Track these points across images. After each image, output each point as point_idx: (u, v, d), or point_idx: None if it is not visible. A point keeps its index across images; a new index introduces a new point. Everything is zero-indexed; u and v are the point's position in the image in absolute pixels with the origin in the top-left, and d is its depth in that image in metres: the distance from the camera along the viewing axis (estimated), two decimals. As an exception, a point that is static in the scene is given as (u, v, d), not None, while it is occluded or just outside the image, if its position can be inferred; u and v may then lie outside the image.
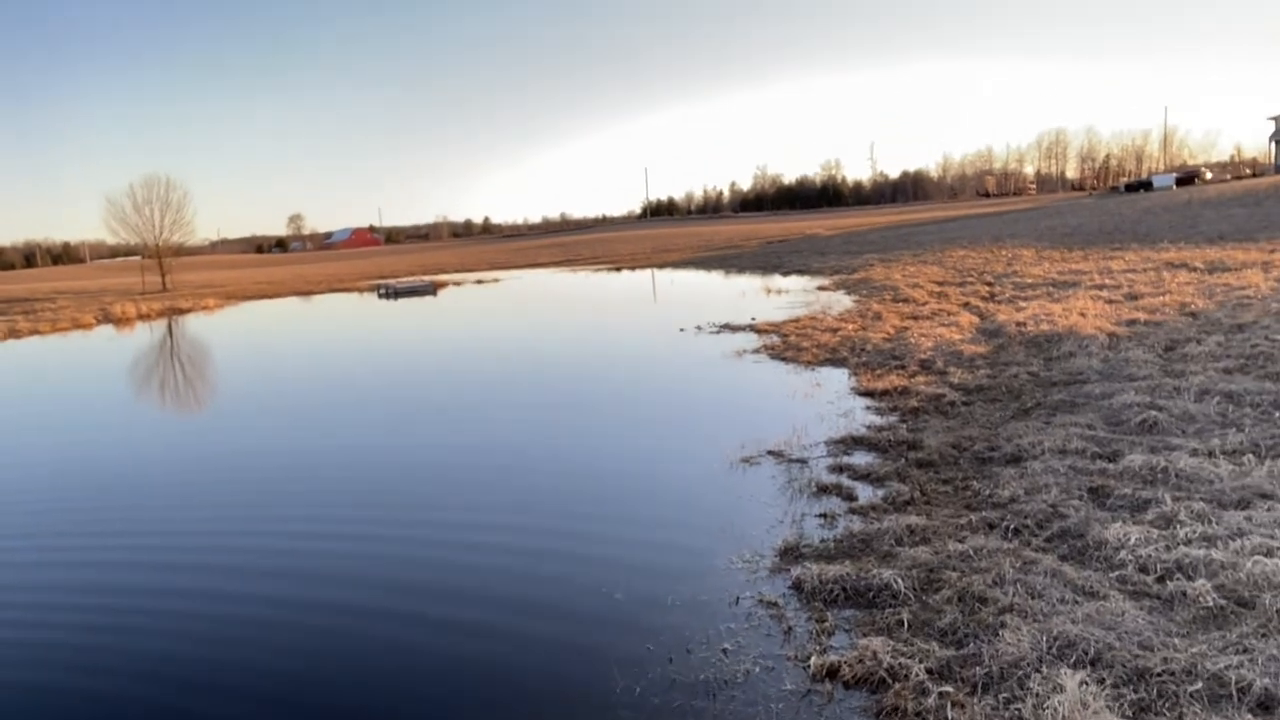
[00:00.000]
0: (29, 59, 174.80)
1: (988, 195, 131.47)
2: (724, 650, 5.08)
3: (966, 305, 18.27)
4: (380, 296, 38.39)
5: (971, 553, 5.85)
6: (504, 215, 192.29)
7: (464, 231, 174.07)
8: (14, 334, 29.87)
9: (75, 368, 22.75)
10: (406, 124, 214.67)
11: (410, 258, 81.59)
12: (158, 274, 54.50)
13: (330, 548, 7.48)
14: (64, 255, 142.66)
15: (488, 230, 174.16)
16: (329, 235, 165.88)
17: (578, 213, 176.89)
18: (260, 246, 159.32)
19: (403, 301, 35.40)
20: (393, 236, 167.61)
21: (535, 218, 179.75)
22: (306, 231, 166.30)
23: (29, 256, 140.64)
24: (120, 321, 34.14)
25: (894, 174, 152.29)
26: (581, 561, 6.75)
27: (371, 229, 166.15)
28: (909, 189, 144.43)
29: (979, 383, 11.15)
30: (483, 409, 12.96)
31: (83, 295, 49.93)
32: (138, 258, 64.62)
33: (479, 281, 44.50)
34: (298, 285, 49.23)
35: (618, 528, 7.44)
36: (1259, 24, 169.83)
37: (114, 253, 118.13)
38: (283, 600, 6.42)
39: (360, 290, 43.43)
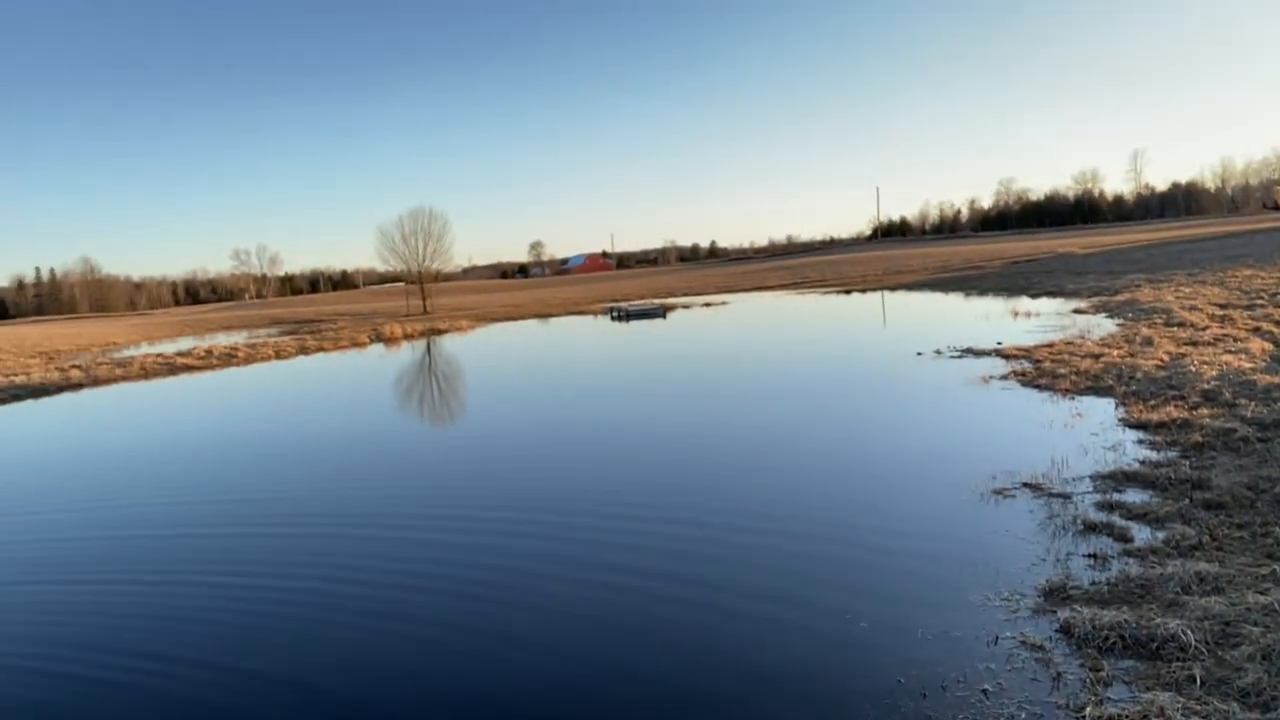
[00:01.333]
0: (310, 104, 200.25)
1: (1277, 208, 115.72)
2: (984, 691, 4.81)
3: (1257, 330, 16.16)
4: (613, 319, 39.97)
5: (1277, 606, 5.16)
6: (730, 239, 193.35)
7: (691, 255, 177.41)
8: (304, 350, 34.09)
9: (359, 378, 25.59)
10: (639, 153, 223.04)
11: (640, 281, 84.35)
12: (419, 298, 60.15)
13: (592, 552, 7.87)
14: (342, 281, 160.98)
15: (714, 254, 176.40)
16: (565, 261, 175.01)
17: (805, 235, 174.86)
18: (505, 272, 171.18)
19: (634, 323, 36.64)
20: (624, 261, 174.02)
21: (761, 241, 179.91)
22: (546, 258, 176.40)
23: (314, 283, 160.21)
24: (389, 340, 38.00)
25: (1161, 185, 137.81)
26: (824, 585, 6.64)
27: (604, 254, 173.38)
28: (1180, 202, 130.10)
29: (1277, 417, 9.81)
30: (722, 433, 13.10)
31: (358, 317, 56.16)
32: (403, 284, 71.72)
33: (707, 304, 45.19)
34: (538, 308, 52.43)
35: (860, 553, 7.24)
36: None
37: (383, 279, 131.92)
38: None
39: (594, 313, 45.47)
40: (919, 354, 18.27)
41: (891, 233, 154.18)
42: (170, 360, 31.64)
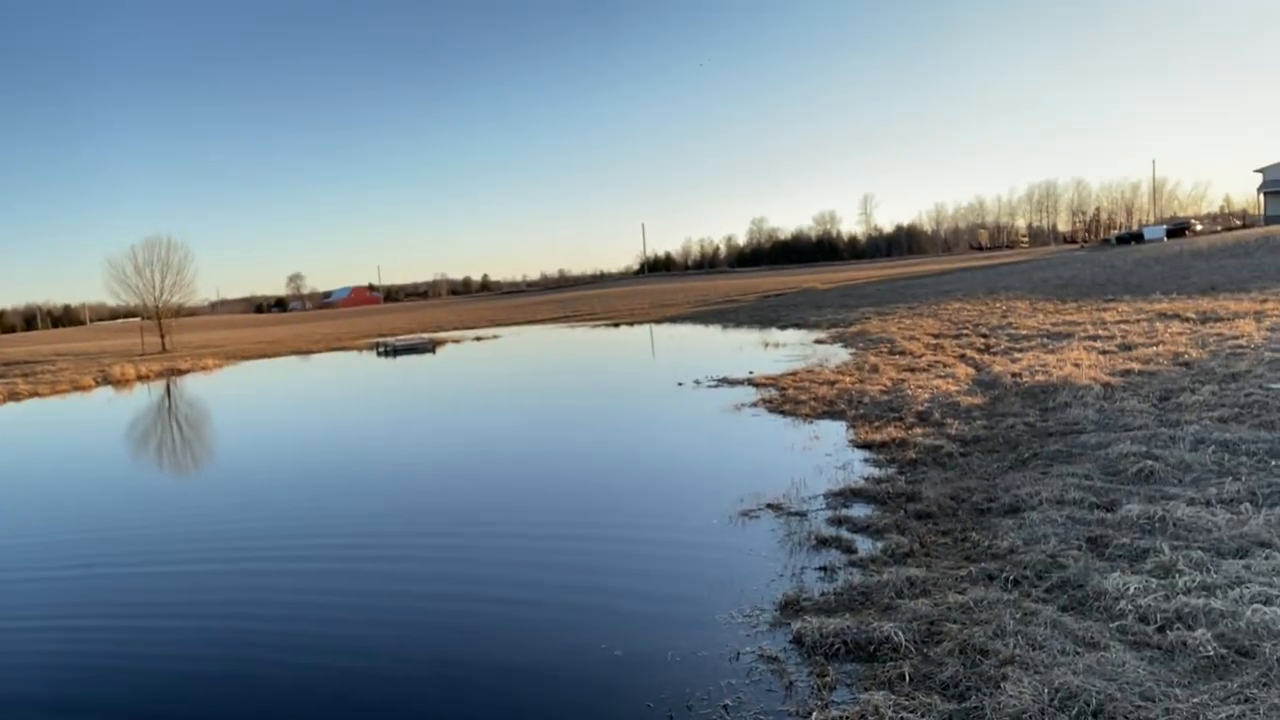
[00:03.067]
0: (32, 117, 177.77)
1: (981, 248, 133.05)
2: (725, 706, 5.05)
3: (962, 357, 18.39)
4: (380, 355, 38.52)
5: (972, 604, 5.84)
6: (502, 272, 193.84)
7: (462, 289, 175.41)
8: (13, 396, 29.88)
9: (72, 427, 22.74)
10: (404, 183, 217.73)
11: (410, 315, 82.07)
12: (157, 335, 54.76)
13: (325, 615, 7.44)
14: (64, 318, 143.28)
15: (486, 287, 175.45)
16: (328, 294, 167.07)
17: (576, 269, 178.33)
18: (260, 306, 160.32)
19: (402, 359, 35.50)
20: (392, 294, 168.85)
21: (534, 274, 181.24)
22: (306, 291, 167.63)
23: (29, 319, 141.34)
24: (119, 383, 34.20)
25: (888, 228, 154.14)
26: (580, 617, 6.71)
27: (371, 288, 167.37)
28: (903, 242, 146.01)
29: (976, 434, 11.20)
30: (479, 464, 12.96)
31: (82, 357, 50.11)
32: (137, 319, 65.04)
33: (478, 338, 44.72)
34: (297, 344, 49.41)
35: (616, 583, 7.40)
36: (1244, 75, 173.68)
37: (114, 315, 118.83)
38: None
39: (360, 349, 43.58)
40: (680, 384, 19.09)
41: (658, 267, 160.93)
42: None
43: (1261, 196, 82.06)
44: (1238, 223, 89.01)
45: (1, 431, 22.31)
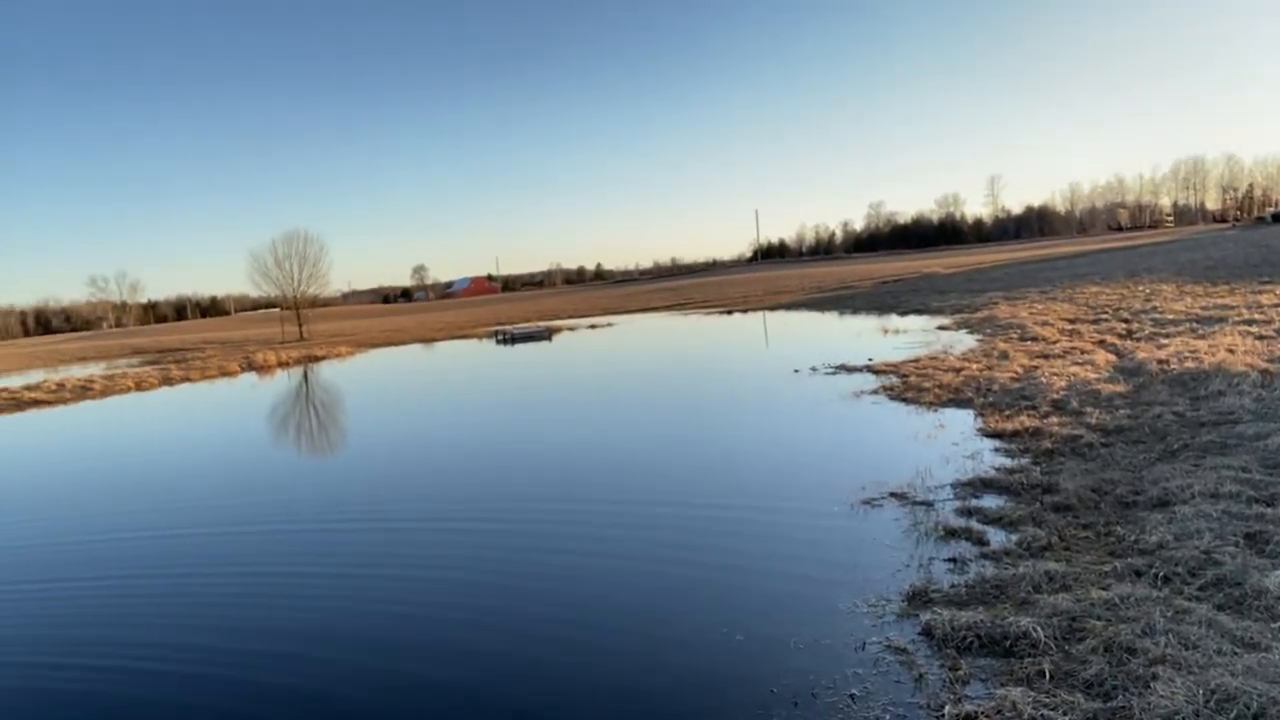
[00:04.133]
0: (170, 120, 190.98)
1: (1120, 229, 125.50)
2: (851, 696, 4.95)
3: (1102, 343, 17.40)
4: (499, 342, 39.56)
5: (1117, 601, 5.52)
6: (616, 261, 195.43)
7: (576, 278, 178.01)
8: (168, 381, 32.24)
9: (226, 408, 24.34)
10: (522, 175, 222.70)
11: (526, 304, 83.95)
12: (295, 324, 57.99)
13: (464, 601, 7.70)
14: (211, 308, 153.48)
15: (600, 276, 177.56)
16: (449, 284, 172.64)
17: (688, 257, 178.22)
18: (386, 297, 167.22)
19: (520, 347, 36.37)
20: (509, 284, 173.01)
21: (646, 263, 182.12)
22: (429, 281, 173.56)
23: (180, 309, 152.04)
24: (262, 369, 36.40)
25: (1017, 209, 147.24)
26: (699, 599, 6.71)
27: (489, 278, 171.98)
28: (1034, 224, 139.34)
29: (1119, 423, 10.57)
30: (599, 448, 13.14)
31: (228, 345, 53.58)
32: (277, 310, 69.03)
33: (593, 326, 45.32)
34: (421, 333, 51.34)
35: (736, 569, 7.36)
36: None
37: (256, 305, 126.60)
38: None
39: (479, 337, 44.88)
40: (796, 371, 18.81)
41: (771, 254, 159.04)
42: (16, 395, 29.33)
43: None
44: None
45: (166, 412, 24.09)
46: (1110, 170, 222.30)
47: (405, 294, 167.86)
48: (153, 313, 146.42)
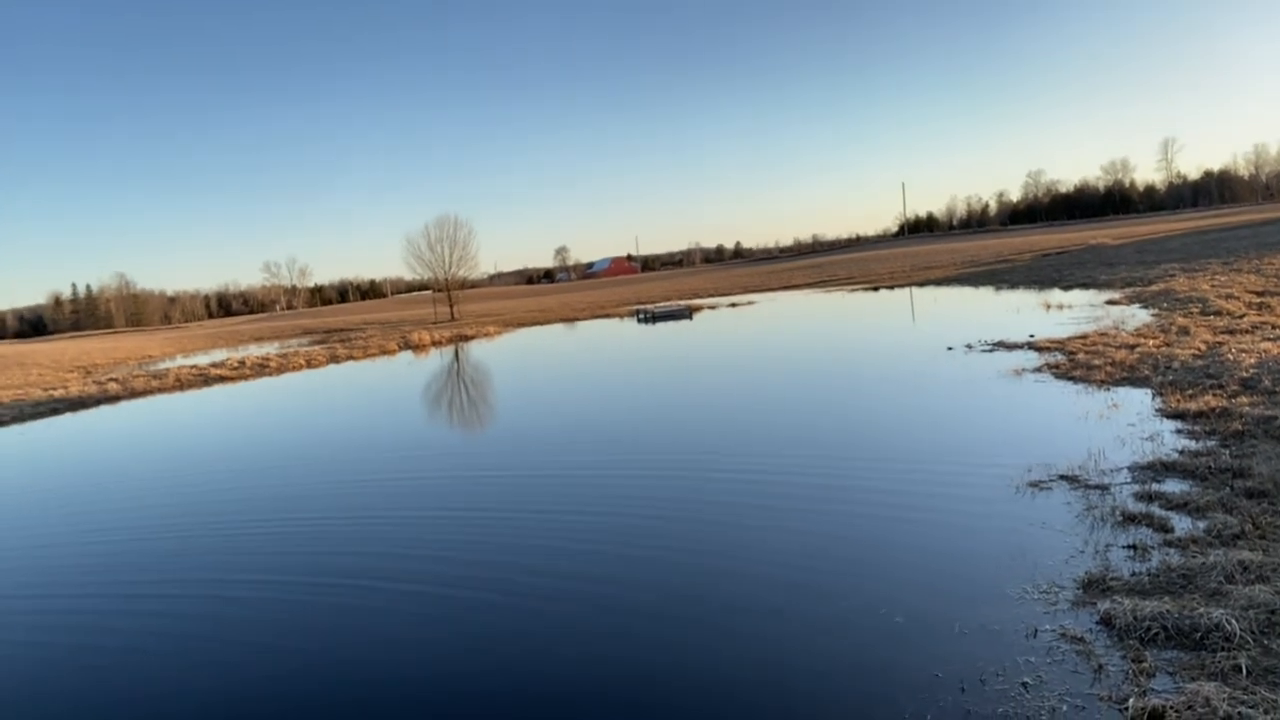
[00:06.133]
0: (330, 121, 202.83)
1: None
2: (1024, 684, 4.75)
3: (1297, 317, 15.83)
4: (639, 321, 39.99)
5: (1326, 595, 5.05)
6: (755, 239, 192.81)
7: (716, 257, 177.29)
8: (334, 359, 34.46)
9: (393, 383, 25.82)
10: (658, 157, 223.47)
11: (666, 284, 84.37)
12: (447, 305, 60.64)
13: (627, 551, 7.89)
14: (370, 291, 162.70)
15: (739, 254, 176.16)
16: (590, 265, 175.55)
17: (830, 233, 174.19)
18: (530, 278, 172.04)
19: (661, 325, 36.62)
20: (649, 264, 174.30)
21: (786, 240, 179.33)
22: (571, 262, 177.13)
23: (342, 293, 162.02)
24: (418, 347, 38.32)
25: (1194, 175, 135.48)
26: (859, 579, 6.60)
27: (629, 258, 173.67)
28: (1213, 190, 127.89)
29: (1320, 404, 9.61)
30: (753, 424, 13.07)
31: (386, 325, 56.69)
32: (429, 292, 72.35)
33: (733, 305, 45.07)
34: (564, 312, 52.56)
35: (894, 548, 7.19)
36: None
37: (410, 288, 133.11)
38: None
39: (620, 315, 45.52)
40: (949, 349, 18.10)
41: (919, 229, 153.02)
42: (204, 371, 32.15)
43: None
44: None
45: (344, 385, 25.79)
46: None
47: (548, 275, 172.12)
48: (319, 295, 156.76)
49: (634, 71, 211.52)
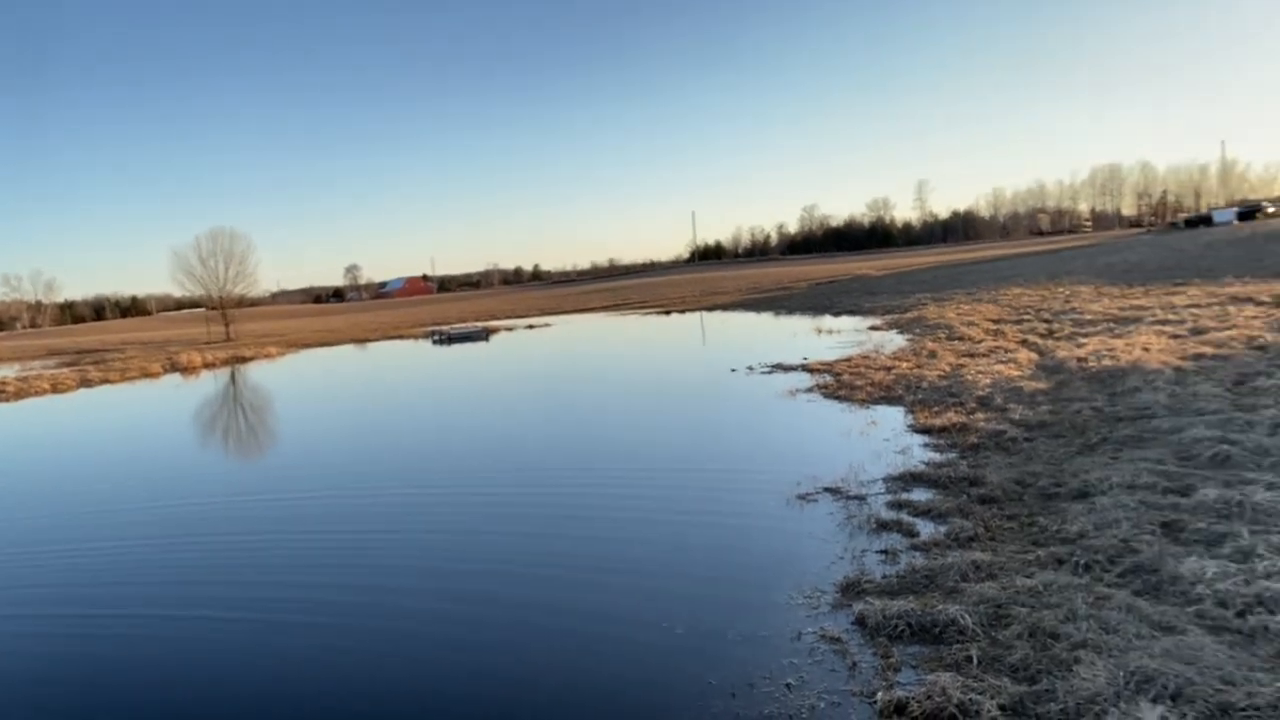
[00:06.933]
0: (92, 116, 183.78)
1: (1041, 233, 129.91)
2: (788, 685, 5.02)
3: (1024, 342, 17.96)
4: (435, 343, 39.03)
5: (1041, 588, 5.71)
6: (553, 262, 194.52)
7: (514, 278, 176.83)
8: (86, 383, 30.98)
9: (152, 410, 23.50)
10: (456, 175, 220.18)
11: (462, 305, 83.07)
12: (222, 324, 56.33)
13: (394, 603, 7.57)
14: (132, 308, 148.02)
15: (537, 277, 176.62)
16: (384, 285, 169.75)
17: (626, 258, 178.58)
18: (318, 297, 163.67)
19: (456, 347, 35.95)
20: (445, 285, 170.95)
21: (584, 264, 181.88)
22: (362, 282, 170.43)
23: (99, 309, 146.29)
24: (186, 370, 35.26)
25: (944, 214, 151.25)
26: (641, 596, 6.73)
27: (425, 278, 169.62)
28: (960, 228, 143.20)
29: (1041, 419, 10.93)
30: (537, 445, 13.06)
31: (150, 346, 51.74)
32: (202, 310, 66.95)
33: (530, 327, 45.03)
34: (355, 333, 50.36)
35: (676, 564, 7.41)
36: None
37: (179, 305, 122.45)
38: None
39: (415, 337, 44.22)
40: (733, 370, 18.98)
41: (708, 256, 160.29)
42: (-82, 397, 27.85)
43: (1340, 177, 78.52)
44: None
45: (84, 415, 23.13)
46: (1031, 176, 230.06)
47: (337, 294, 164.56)
48: (70, 313, 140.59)
49: (430, 86, 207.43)
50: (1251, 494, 6.89)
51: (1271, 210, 76.06)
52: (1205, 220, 75.79)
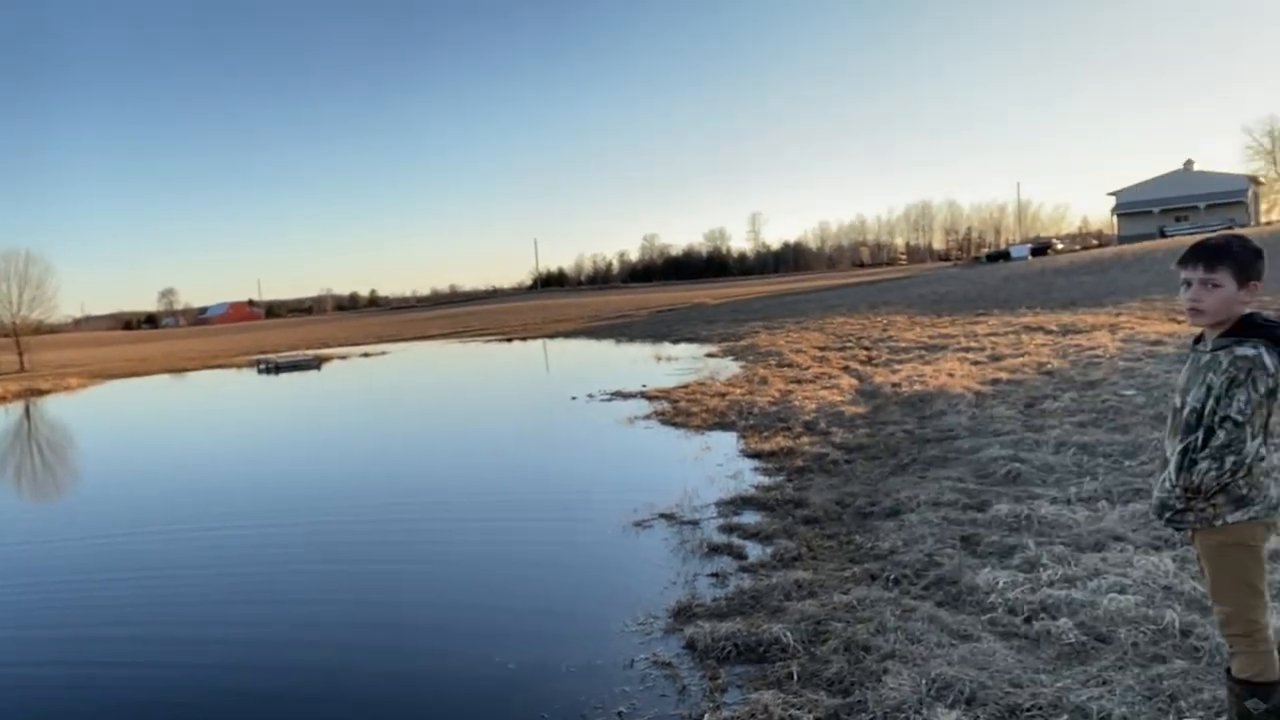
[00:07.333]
0: None
1: (863, 265, 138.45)
2: (619, 714, 5.07)
3: (846, 369, 19.06)
4: (261, 372, 37.01)
5: (855, 603, 6.05)
6: (391, 288, 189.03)
7: (349, 304, 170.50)
8: None
9: None
10: (286, 193, 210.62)
11: (293, 332, 79.24)
12: (14, 354, 51.13)
13: (189, 659, 7.10)
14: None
15: (374, 303, 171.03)
16: (204, 310, 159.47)
17: (467, 284, 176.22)
18: (129, 323, 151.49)
19: (285, 376, 34.22)
20: (274, 310, 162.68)
21: (424, 290, 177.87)
22: (180, 307, 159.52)
23: None
24: (-32, 403, 31.71)
25: (775, 245, 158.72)
26: (473, 632, 6.64)
27: (251, 303, 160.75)
28: (790, 259, 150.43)
29: (860, 441, 11.62)
30: (366, 478, 12.61)
31: (-75, 376, 46.19)
32: (-10, 337, 60.62)
33: (366, 355, 43.52)
34: (170, 362, 46.97)
35: (510, 598, 7.34)
36: (1096, 106, 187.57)
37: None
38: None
39: (239, 366, 41.79)
40: (573, 398, 19.07)
41: (551, 283, 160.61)
42: None
43: (1115, 218, 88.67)
44: (1094, 242, 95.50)
45: None
46: (854, 211, 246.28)
47: (151, 320, 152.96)
48: None
49: (253, 98, 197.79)
50: (1038, 508, 7.58)
51: (1060, 247, 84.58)
52: (1004, 255, 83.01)
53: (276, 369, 37.04)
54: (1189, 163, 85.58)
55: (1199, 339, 3.58)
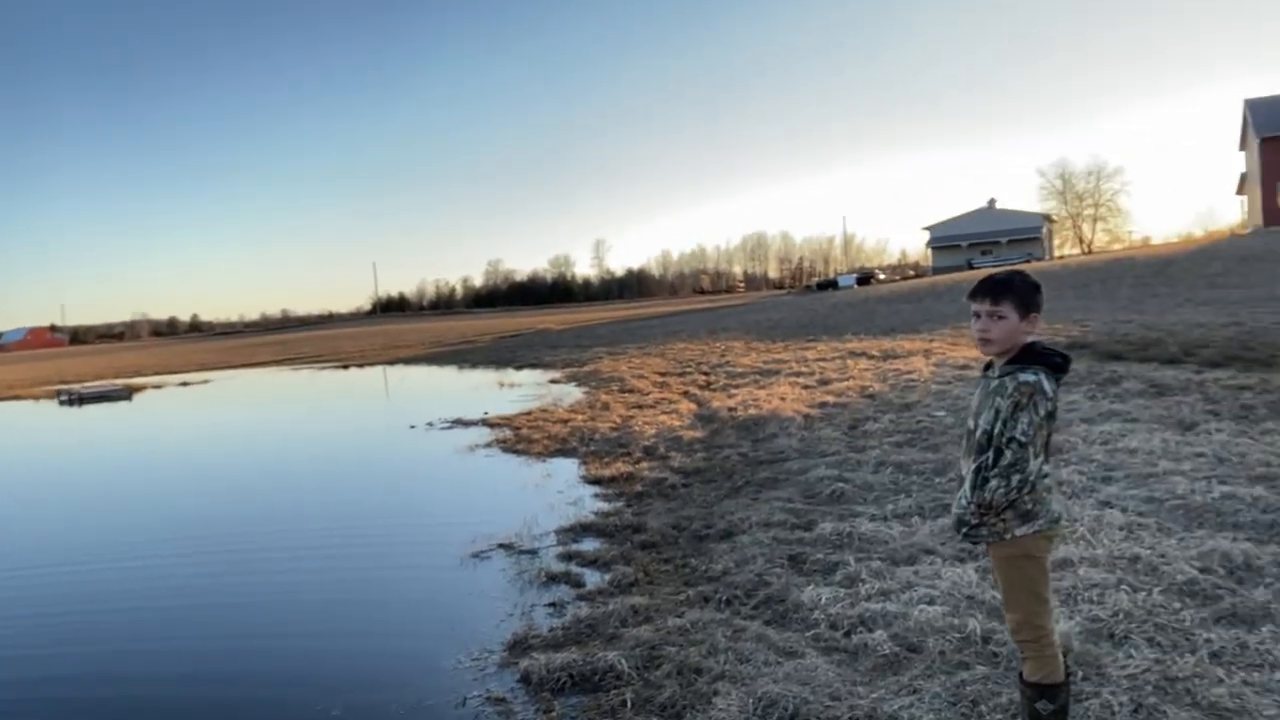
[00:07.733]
0: None
1: (703, 292, 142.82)
2: (450, 755, 4.93)
3: (686, 394, 19.51)
4: (62, 403, 33.83)
5: (689, 626, 6.16)
6: (215, 312, 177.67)
7: (168, 330, 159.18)
8: None
9: None
10: (95, 206, 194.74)
11: (101, 359, 72.96)
12: None
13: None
14: None
15: (196, 328, 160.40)
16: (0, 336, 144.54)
17: (301, 309, 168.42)
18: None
19: (90, 408, 31.40)
20: (80, 336, 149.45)
21: (252, 314, 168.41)
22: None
23: None
24: None
25: (619, 271, 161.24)
26: (297, 675, 6.29)
27: (53, 328, 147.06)
28: (634, 285, 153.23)
29: (697, 465, 11.90)
30: (178, 519, 11.72)
31: None
32: None
33: (184, 383, 40.62)
34: (-48, 393, 42.09)
35: (338, 636, 7.01)
36: (913, 147, 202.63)
37: None
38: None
39: (37, 397, 38.05)
40: (412, 427, 18.53)
41: (391, 308, 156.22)
42: None
43: (929, 250, 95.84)
44: (912, 273, 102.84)
45: None
46: (695, 240, 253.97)
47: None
48: None
49: (68, 88, 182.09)
50: (859, 525, 8.01)
51: (883, 277, 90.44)
52: (832, 284, 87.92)
53: (80, 400, 33.94)
54: (992, 201, 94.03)
55: (989, 366, 3.93)
